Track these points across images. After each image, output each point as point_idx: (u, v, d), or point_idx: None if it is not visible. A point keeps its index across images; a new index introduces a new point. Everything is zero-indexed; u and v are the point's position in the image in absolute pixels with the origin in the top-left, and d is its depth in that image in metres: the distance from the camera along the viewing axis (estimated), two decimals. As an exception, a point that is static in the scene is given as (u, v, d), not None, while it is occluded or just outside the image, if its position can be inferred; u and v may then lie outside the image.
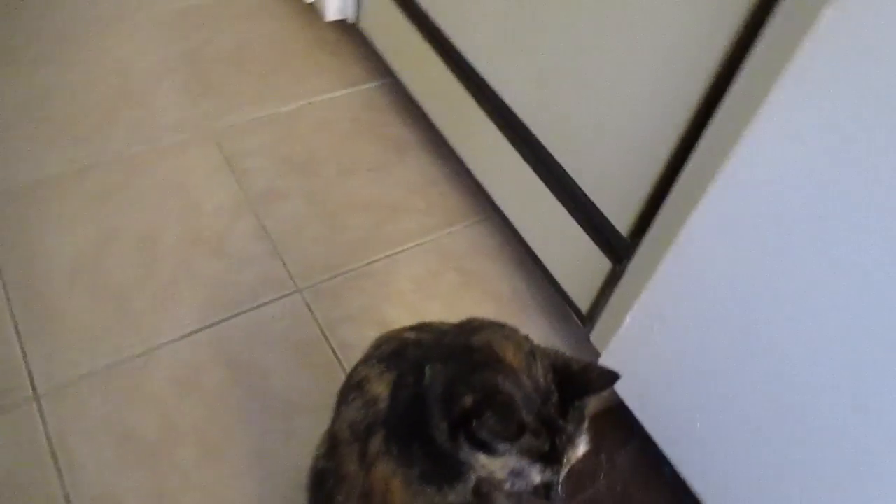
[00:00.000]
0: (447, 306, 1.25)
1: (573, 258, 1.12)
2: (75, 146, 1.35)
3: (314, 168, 1.40)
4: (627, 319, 0.94)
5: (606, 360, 1.02)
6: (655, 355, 0.93)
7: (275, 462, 1.05)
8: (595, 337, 1.08)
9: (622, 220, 0.97)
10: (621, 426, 1.10)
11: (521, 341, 0.69)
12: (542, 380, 0.66)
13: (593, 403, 0.69)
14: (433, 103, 1.39)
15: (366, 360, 0.77)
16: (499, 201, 1.27)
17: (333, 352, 1.16)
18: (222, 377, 1.11)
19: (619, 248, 0.99)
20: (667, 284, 0.86)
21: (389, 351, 0.76)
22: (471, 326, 0.72)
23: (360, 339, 1.18)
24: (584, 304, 1.12)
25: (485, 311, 1.25)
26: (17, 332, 1.12)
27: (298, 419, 1.09)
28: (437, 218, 1.37)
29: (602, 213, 1.01)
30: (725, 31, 0.74)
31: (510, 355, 0.67)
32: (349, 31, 1.61)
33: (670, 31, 0.81)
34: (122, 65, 1.51)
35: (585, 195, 1.03)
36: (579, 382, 0.67)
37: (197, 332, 1.16)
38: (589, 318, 1.11)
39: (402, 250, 1.31)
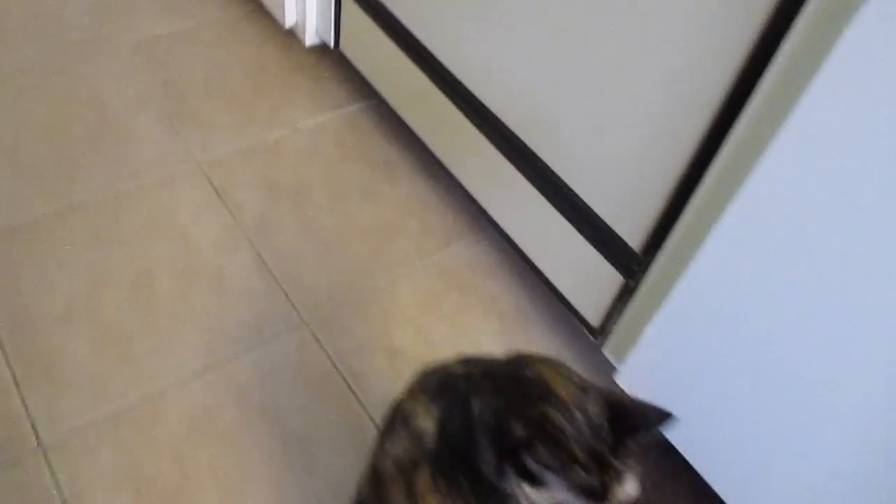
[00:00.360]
0: (453, 327, 1.25)
1: (580, 272, 1.13)
2: (56, 187, 1.30)
3: (306, 195, 1.38)
4: (648, 332, 0.96)
5: (625, 373, 1.04)
6: (677, 367, 0.95)
7: (298, 499, 1.03)
8: (609, 349, 1.10)
9: (634, 235, 0.99)
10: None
11: (572, 375, 0.70)
12: (594, 415, 0.66)
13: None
14: (422, 122, 1.39)
15: (411, 395, 0.76)
16: (497, 218, 1.28)
17: (346, 383, 1.15)
18: (235, 417, 1.09)
19: (631, 262, 1.01)
20: (688, 298, 0.88)
21: (436, 384, 0.75)
22: (520, 360, 0.72)
23: (371, 369, 1.18)
24: (593, 318, 1.14)
25: (489, 328, 1.26)
26: (16, 382, 1.07)
27: (318, 454, 1.07)
28: (434, 238, 1.37)
29: (611, 229, 1.02)
30: (746, 35, 0.75)
31: (562, 388, 0.67)
32: (328, 54, 1.60)
33: (685, 35, 0.83)
34: (98, 98, 1.46)
35: (592, 210, 1.05)
36: (633, 420, 0.67)
37: (204, 372, 1.13)
38: (601, 331, 1.13)
39: (403, 274, 1.31)
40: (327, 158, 1.46)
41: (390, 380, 1.17)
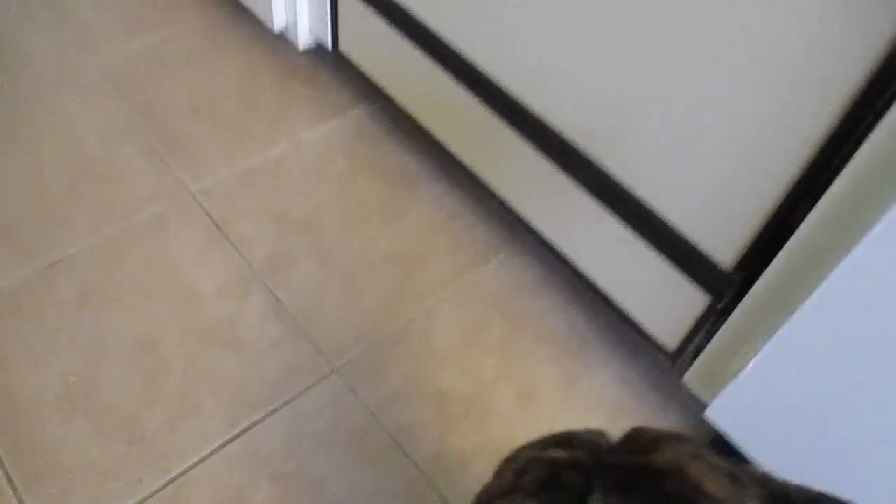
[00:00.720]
0: (503, 358, 1.10)
1: (649, 289, 0.98)
2: (35, 243, 1.14)
3: (318, 220, 1.22)
4: (750, 366, 0.81)
5: (718, 406, 0.89)
6: (786, 408, 0.80)
7: (356, 587, 0.89)
8: (694, 379, 0.95)
9: (722, 251, 0.83)
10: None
11: (714, 460, 0.55)
12: None
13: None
14: (441, 125, 1.23)
15: (506, 495, 0.61)
16: (542, 230, 1.12)
17: (391, 437, 1.01)
18: (271, 494, 0.95)
19: (719, 281, 0.85)
20: (808, 334, 0.73)
21: (538, 480, 0.60)
22: (642, 441, 0.57)
23: (417, 418, 1.03)
24: (668, 340, 0.99)
25: (544, 355, 1.11)
26: (12, 485, 0.92)
27: (372, 529, 0.93)
28: (467, 256, 1.21)
29: (690, 243, 0.87)
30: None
31: (711, 483, 0.52)
32: (324, 56, 1.42)
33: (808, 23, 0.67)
34: (73, 131, 1.29)
35: (667, 223, 0.89)
36: None
37: (228, 443, 0.98)
38: (678, 354, 0.98)
39: (438, 301, 1.15)
40: (337, 174, 1.29)
41: (440, 429, 1.02)
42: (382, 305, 1.14)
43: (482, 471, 0.99)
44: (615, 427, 1.04)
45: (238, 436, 0.99)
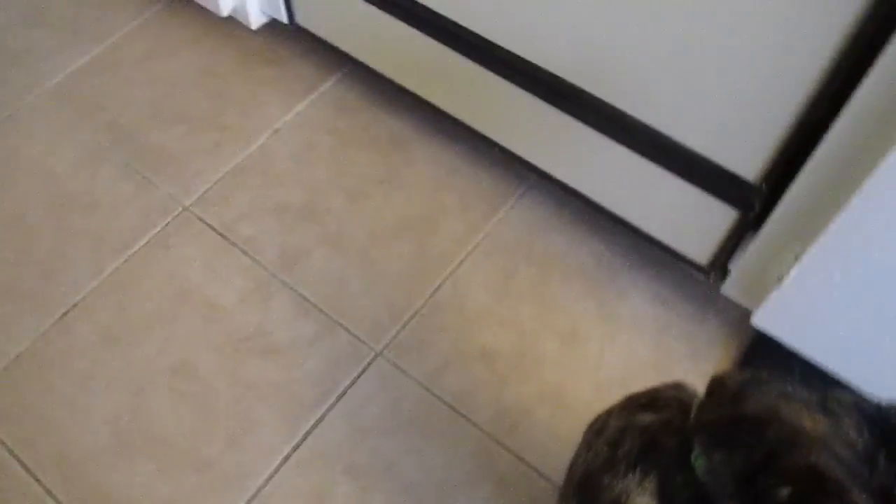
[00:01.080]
0: (538, 304, 1.10)
1: (673, 211, 0.97)
2: (40, 294, 1.09)
3: (319, 205, 1.19)
4: (794, 271, 0.81)
5: (766, 311, 0.90)
6: (836, 308, 0.81)
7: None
8: (732, 288, 0.96)
9: (746, 165, 0.82)
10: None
11: (804, 394, 0.55)
12: (859, 440, 0.53)
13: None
14: (419, 81, 1.18)
15: (609, 467, 0.62)
16: (548, 169, 1.10)
17: (450, 407, 1.01)
18: (349, 488, 0.95)
19: (747, 195, 0.85)
20: (854, 233, 0.73)
21: (637, 447, 0.61)
22: (727, 391, 0.58)
23: (470, 383, 1.04)
24: (697, 255, 0.99)
25: (574, 292, 1.11)
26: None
27: (455, 495, 0.95)
28: (477, 209, 1.19)
29: (711, 161, 0.86)
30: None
31: (808, 421, 0.53)
32: (279, 31, 1.35)
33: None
34: (44, 167, 1.22)
35: (681, 145, 0.88)
36: None
37: (294, 450, 0.98)
38: (711, 266, 0.99)
39: (460, 261, 1.14)
40: (326, 153, 1.25)
41: (494, 387, 1.03)
42: (407, 277, 1.12)
43: (545, 419, 1.01)
44: (660, 349, 1.06)
45: (302, 441, 0.99)
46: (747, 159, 0.82)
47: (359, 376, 1.04)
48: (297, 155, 1.24)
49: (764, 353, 1.04)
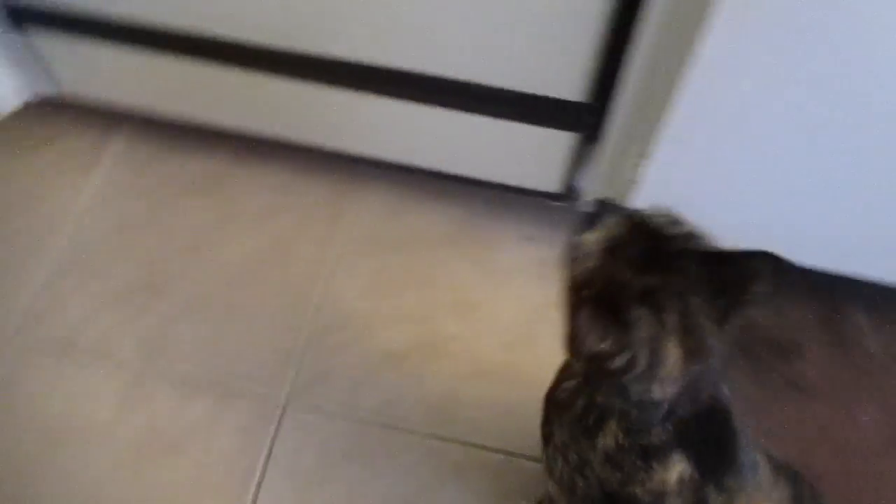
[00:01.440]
0: (419, 287, 1.07)
1: (513, 152, 0.97)
2: None
3: (162, 275, 1.07)
4: (648, 168, 0.83)
5: (644, 190, 0.91)
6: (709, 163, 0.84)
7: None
8: (589, 203, 0.97)
9: (570, 85, 0.82)
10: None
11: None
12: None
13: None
14: (201, 107, 1.09)
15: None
16: (376, 154, 1.06)
17: (381, 425, 0.97)
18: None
19: (578, 114, 0.86)
20: (695, 109, 0.74)
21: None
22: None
23: (388, 392, 1.00)
24: (551, 185, 1.00)
25: (447, 261, 1.10)
26: None
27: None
28: (320, 219, 1.13)
29: (533, 95, 0.85)
30: None
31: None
32: (44, 107, 1.18)
33: None
34: None
35: (497, 88, 0.86)
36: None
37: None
38: (566, 192, 1.00)
39: (329, 273, 1.08)
40: (143, 219, 1.12)
41: (413, 385, 1.00)
42: (281, 311, 1.05)
43: (474, 395, 1.00)
44: (547, 284, 1.06)
45: (246, 519, 0.92)
46: (567, 81, 0.82)
47: (275, 436, 0.97)
48: (114, 233, 1.12)
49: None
